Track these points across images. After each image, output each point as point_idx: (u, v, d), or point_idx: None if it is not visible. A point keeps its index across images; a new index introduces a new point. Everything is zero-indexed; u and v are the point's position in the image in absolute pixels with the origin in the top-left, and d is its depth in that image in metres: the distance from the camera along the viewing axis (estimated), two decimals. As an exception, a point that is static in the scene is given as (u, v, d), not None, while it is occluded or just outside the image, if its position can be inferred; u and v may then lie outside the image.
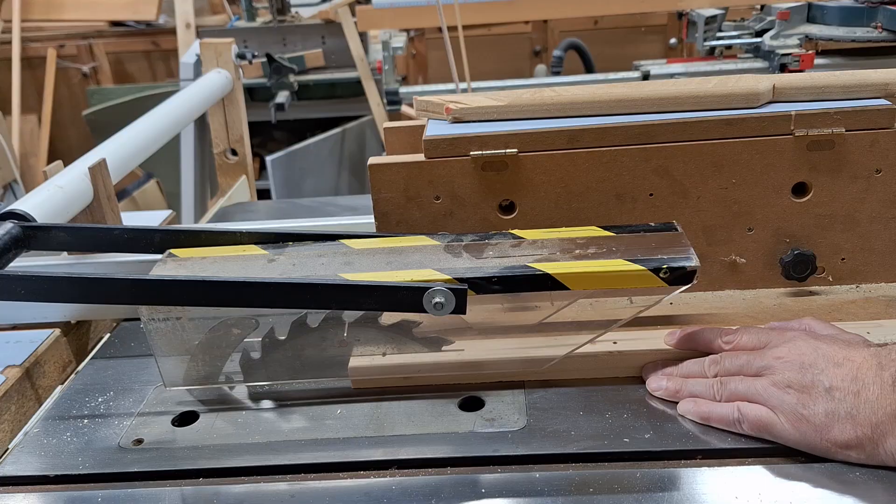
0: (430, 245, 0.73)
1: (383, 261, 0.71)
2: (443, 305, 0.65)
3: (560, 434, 0.66)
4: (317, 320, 0.73)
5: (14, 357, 0.81)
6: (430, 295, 0.65)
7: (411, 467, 0.64)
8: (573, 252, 0.69)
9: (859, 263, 0.81)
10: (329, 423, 0.70)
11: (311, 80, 2.52)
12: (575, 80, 2.19)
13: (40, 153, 3.22)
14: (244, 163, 1.53)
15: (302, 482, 0.63)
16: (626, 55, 2.65)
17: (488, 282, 0.66)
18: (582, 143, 0.78)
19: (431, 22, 2.23)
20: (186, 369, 0.74)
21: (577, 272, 0.65)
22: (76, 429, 0.72)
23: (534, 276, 0.66)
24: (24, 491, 0.65)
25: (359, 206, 1.32)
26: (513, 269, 0.66)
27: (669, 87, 0.80)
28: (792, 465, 0.61)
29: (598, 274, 0.65)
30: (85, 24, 3.29)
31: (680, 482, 0.60)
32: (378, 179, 0.80)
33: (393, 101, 2.14)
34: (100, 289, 0.68)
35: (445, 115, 0.83)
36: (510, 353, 0.74)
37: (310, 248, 0.75)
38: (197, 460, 0.66)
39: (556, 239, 0.72)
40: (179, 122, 1.27)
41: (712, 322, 0.77)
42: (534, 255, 0.69)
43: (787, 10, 1.93)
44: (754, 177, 0.78)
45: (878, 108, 0.76)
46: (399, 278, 0.67)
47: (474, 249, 0.71)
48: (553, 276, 0.65)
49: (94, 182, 0.93)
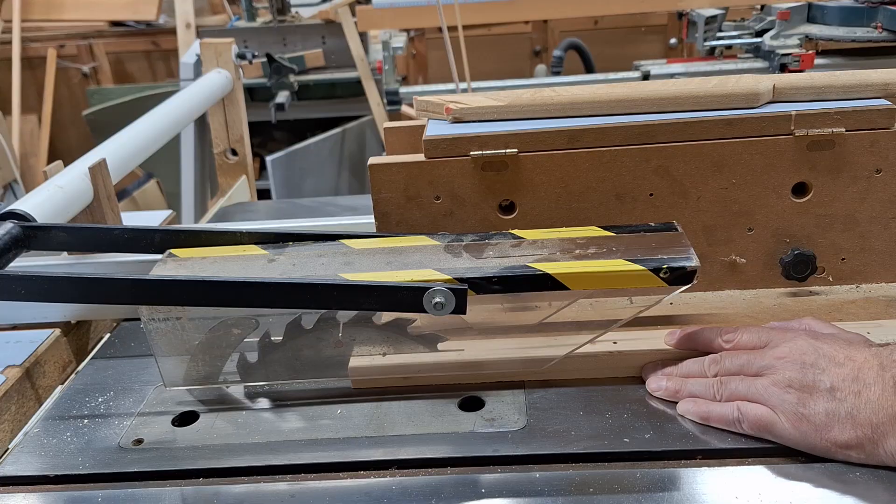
0: (430, 245, 0.73)
1: (383, 261, 0.71)
2: (443, 305, 0.65)
3: (560, 434, 0.66)
4: (311, 321, 0.73)
5: (14, 357, 0.81)
6: (430, 295, 0.65)
7: (411, 467, 0.64)
8: (573, 252, 0.69)
9: (859, 263, 0.81)
10: (329, 423, 0.70)
11: (311, 80, 2.52)
12: (575, 80, 2.19)
13: (40, 153, 3.22)
14: (244, 163, 1.53)
15: (302, 482, 0.63)
16: (626, 55, 2.64)
17: (488, 282, 0.66)
18: (582, 143, 0.78)
19: (431, 22, 2.23)
20: (186, 369, 0.74)
21: (577, 272, 0.65)
22: (76, 429, 0.71)
23: (534, 276, 0.66)
24: (24, 491, 0.65)
25: (359, 206, 1.32)
26: (513, 269, 0.66)
27: (669, 87, 0.80)
28: (792, 465, 0.61)
29: (598, 274, 0.66)
30: (85, 24, 3.29)
31: (680, 482, 0.60)
32: (378, 179, 0.80)
33: (393, 101, 2.14)
34: (100, 289, 0.68)
35: (445, 115, 0.83)
36: (510, 353, 0.74)
37: (310, 248, 0.75)
38: (197, 460, 0.66)
39: (556, 239, 0.72)
40: (179, 122, 1.27)
41: (712, 322, 0.77)
42: (534, 255, 0.69)
43: (787, 10, 1.93)
44: (754, 177, 0.78)
45: (878, 108, 0.76)
46: (399, 278, 0.67)
47: (474, 249, 0.71)
48: (553, 276, 0.65)
49: (94, 182, 0.93)
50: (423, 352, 0.74)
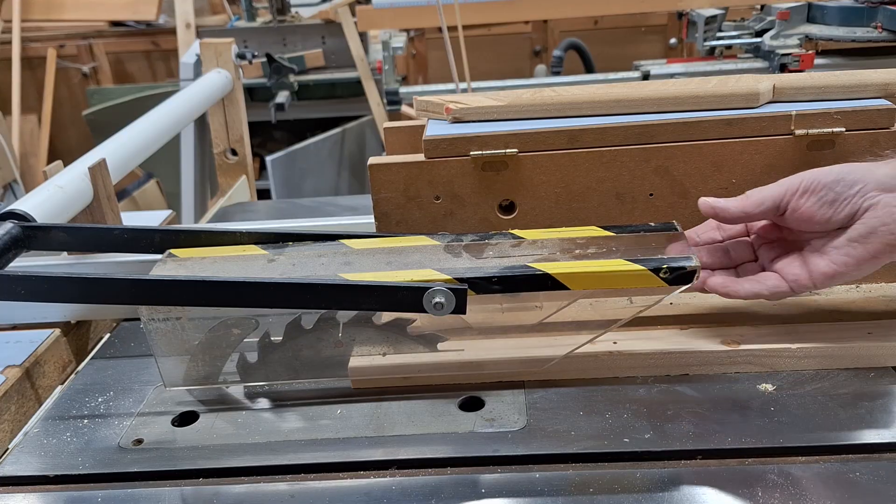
0: (430, 245, 0.73)
1: (383, 261, 0.71)
2: (443, 305, 0.65)
3: (560, 434, 0.66)
4: (311, 321, 0.73)
5: (14, 357, 0.81)
6: (430, 295, 0.65)
7: (411, 467, 0.64)
8: (573, 252, 0.69)
9: (859, 263, 0.81)
10: (329, 423, 0.70)
11: (311, 80, 2.52)
12: (575, 80, 2.20)
13: (40, 153, 3.22)
14: (244, 163, 1.53)
15: (302, 482, 0.63)
16: (626, 55, 2.65)
17: (488, 282, 0.66)
18: (582, 143, 0.78)
19: (431, 22, 2.23)
20: (186, 369, 0.74)
21: (577, 272, 0.65)
22: (76, 429, 0.71)
23: (534, 276, 0.66)
24: (24, 491, 0.65)
25: (359, 206, 1.32)
26: (513, 269, 0.66)
27: (669, 87, 0.80)
28: (792, 465, 0.61)
29: (598, 274, 0.65)
30: (85, 24, 3.29)
31: (680, 482, 0.60)
32: (378, 179, 0.80)
33: (393, 101, 2.14)
34: (99, 289, 0.68)
35: (445, 115, 0.83)
36: (510, 353, 0.74)
37: (310, 248, 0.75)
38: (197, 460, 0.66)
39: (555, 239, 0.72)
40: (179, 122, 1.27)
41: (713, 322, 0.77)
42: (534, 255, 0.69)
43: (787, 10, 1.93)
44: (754, 177, 0.78)
45: (878, 108, 0.76)
46: (399, 278, 0.67)
47: (474, 249, 0.71)
48: (553, 276, 0.65)
49: (94, 182, 0.93)
50: (422, 352, 0.74)
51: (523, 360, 0.73)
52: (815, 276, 0.67)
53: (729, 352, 0.72)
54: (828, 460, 0.61)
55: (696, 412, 0.67)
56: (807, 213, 0.66)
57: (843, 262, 0.66)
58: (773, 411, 0.66)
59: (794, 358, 0.71)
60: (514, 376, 0.73)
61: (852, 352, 0.71)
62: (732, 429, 0.65)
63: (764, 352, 0.72)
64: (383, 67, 2.18)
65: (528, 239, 0.72)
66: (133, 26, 3.31)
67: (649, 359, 0.72)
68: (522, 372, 0.73)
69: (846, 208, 0.65)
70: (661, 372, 0.72)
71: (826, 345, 0.71)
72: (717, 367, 0.72)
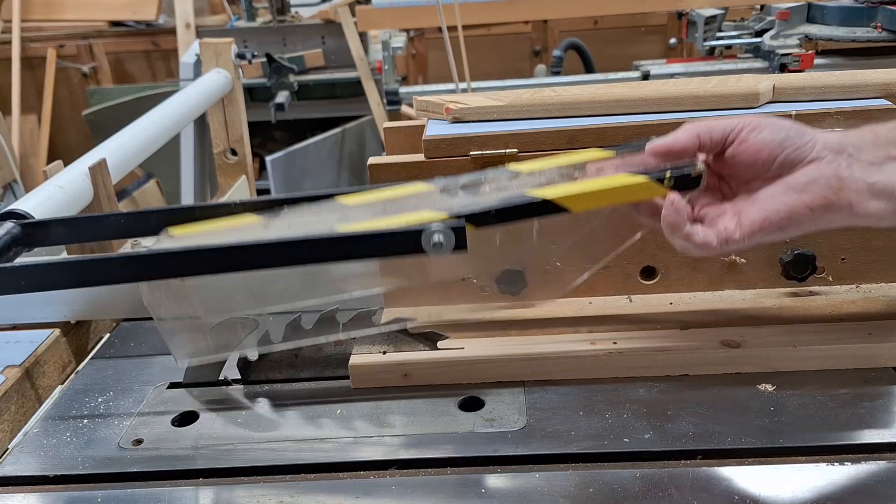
0: (425, 191, 0.71)
1: (379, 210, 0.69)
2: (443, 245, 0.62)
3: (560, 434, 0.66)
4: (311, 321, 0.72)
5: (14, 357, 0.81)
6: (427, 235, 0.62)
7: (411, 467, 0.64)
8: (573, 177, 0.67)
9: (859, 263, 0.81)
10: (329, 423, 0.70)
11: (311, 80, 2.52)
12: (575, 80, 2.20)
13: (40, 153, 3.21)
14: (244, 163, 1.53)
15: (302, 482, 0.63)
16: (626, 55, 2.65)
17: (486, 214, 0.63)
18: (582, 143, 0.78)
19: (431, 22, 2.23)
20: (196, 343, 0.72)
21: (578, 193, 0.63)
22: (76, 429, 0.71)
23: (533, 203, 0.63)
24: (24, 491, 0.65)
25: (359, 206, 1.31)
26: (511, 200, 0.64)
27: (669, 87, 0.80)
28: (791, 465, 0.61)
29: (599, 192, 0.63)
30: (85, 24, 3.29)
31: (680, 482, 0.60)
32: (378, 179, 0.80)
33: (393, 101, 2.14)
34: (96, 269, 0.67)
35: (445, 115, 0.83)
36: (510, 352, 0.74)
37: (305, 209, 0.72)
38: (197, 460, 0.66)
39: (554, 167, 0.69)
40: (179, 122, 1.27)
41: (713, 322, 0.77)
42: (532, 184, 0.67)
43: (787, 10, 1.93)
44: (754, 177, 0.78)
45: (878, 108, 0.76)
46: (395, 223, 0.65)
47: (471, 188, 0.69)
48: (553, 200, 0.63)
49: (94, 182, 0.93)
50: (422, 350, 0.74)
51: (523, 359, 0.73)
52: (744, 226, 0.63)
53: (729, 352, 0.72)
54: (828, 460, 0.61)
55: (696, 412, 0.67)
56: (754, 146, 0.64)
57: (775, 209, 0.62)
58: (773, 411, 0.66)
59: (794, 358, 0.71)
60: (514, 376, 0.73)
61: (852, 352, 0.71)
62: (732, 429, 0.65)
63: (764, 352, 0.72)
64: (383, 67, 2.18)
65: (526, 170, 0.70)
66: (133, 26, 3.31)
67: (649, 359, 0.72)
68: (522, 372, 0.73)
69: (793, 153, 0.63)
70: (661, 372, 0.72)
71: (826, 345, 0.71)
72: (717, 368, 0.72)
